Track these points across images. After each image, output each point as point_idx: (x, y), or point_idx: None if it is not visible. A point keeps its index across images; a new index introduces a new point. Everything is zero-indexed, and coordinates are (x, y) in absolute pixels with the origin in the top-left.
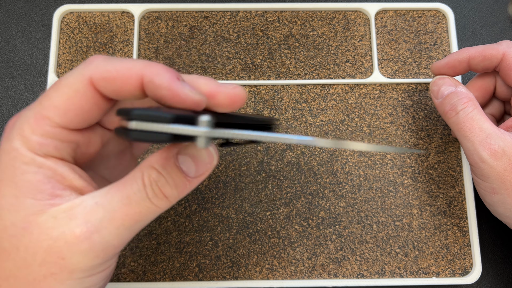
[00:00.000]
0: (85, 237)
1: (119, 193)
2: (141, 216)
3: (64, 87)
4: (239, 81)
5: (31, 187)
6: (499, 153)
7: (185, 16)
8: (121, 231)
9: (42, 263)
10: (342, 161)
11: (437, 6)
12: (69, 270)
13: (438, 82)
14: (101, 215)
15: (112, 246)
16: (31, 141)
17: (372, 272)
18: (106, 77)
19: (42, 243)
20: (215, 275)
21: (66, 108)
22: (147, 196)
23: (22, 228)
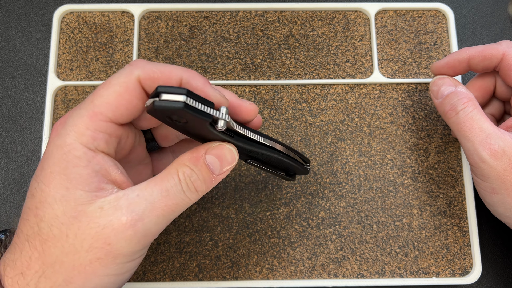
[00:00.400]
0: (130, 224)
1: (158, 186)
2: (177, 207)
3: (115, 85)
4: (239, 81)
5: (81, 180)
6: (499, 153)
7: (185, 16)
8: (160, 220)
9: (89, 249)
10: (342, 161)
11: (437, 6)
12: (113, 255)
13: (438, 82)
14: (144, 205)
15: (151, 233)
16: (85, 135)
17: (372, 272)
18: (152, 76)
19: (90, 230)
20: (215, 275)
21: (118, 103)
22: (182, 189)
23: (72, 217)
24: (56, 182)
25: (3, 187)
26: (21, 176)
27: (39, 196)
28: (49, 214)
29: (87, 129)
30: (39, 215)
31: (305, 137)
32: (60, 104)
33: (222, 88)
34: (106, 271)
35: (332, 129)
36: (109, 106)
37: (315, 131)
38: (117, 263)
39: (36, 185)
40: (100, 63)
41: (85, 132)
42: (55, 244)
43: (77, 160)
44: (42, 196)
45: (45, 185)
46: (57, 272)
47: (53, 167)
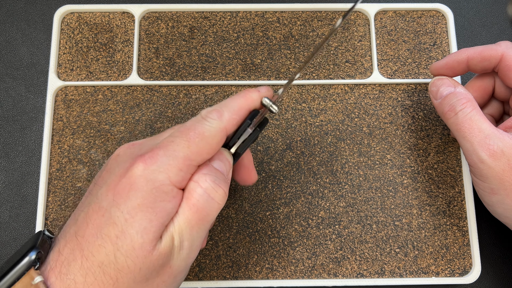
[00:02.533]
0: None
1: (187, 206)
2: (209, 216)
3: (209, 138)
4: (239, 81)
5: (165, 213)
6: (498, 154)
7: (185, 17)
8: (200, 234)
9: (157, 275)
10: (342, 161)
11: (436, 6)
12: (174, 275)
13: (437, 83)
14: (188, 235)
15: (197, 246)
16: (177, 176)
17: (372, 271)
18: (235, 123)
19: (159, 262)
20: (215, 274)
21: (208, 154)
22: (209, 196)
23: (147, 251)
24: (142, 214)
25: (3, 187)
26: (21, 176)
27: (121, 225)
28: (127, 246)
29: (180, 171)
30: (118, 244)
31: (305, 137)
32: (60, 104)
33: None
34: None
35: (332, 129)
36: (201, 156)
37: (315, 131)
38: (177, 281)
39: (120, 214)
40: (100, 63)
41: (178, 173)
42: (128, 275)
43: (164, 195)
44: (125, 226)
45: (130, 216)
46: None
47: (141, 200)
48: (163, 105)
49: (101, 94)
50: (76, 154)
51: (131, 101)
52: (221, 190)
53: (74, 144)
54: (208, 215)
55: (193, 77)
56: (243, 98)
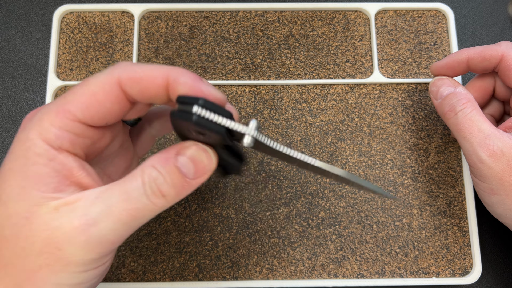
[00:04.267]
0: (82, 229)
1: (119, 188)
2: (138, 213)
3: (91, 84)
4: (239, 81)
5: (38, 179)
6: (498, 154)
7: (185, 16)
8: (118, 226)
9: (40, 253)
10: (342, 161)
11: (437, 6)
12: (64, 262)
13: (437, 83)
14: (99, 209)
15: (108, 241)
16: (49, 132)
17: (372, 272)
18: (134, 77)
19: (41, 233)
20: (215, 275)
21: (89, 103)
22: (145, 193)
23: (24, 218)
24: (12, 179)
25: None
26: None
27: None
28: (2, 213)
29: (51, 126)
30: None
31: (305, 137)
32: None
33: None
34: (57, 280)
35: (332, 129)
36: (79, 104)
37: (315, 131)
38: (68, 272)
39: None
40: (100, 63)
41: (49, 129)
42: (6, 245)
43: (37, 158)
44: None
45: (2, 182)
46: (8, 275)
47: (11, 164)
48: None
49: None
50: None
51: None
52: (159, 195)
53: None
54: (138, 211)
55: None
56: (167, 69)
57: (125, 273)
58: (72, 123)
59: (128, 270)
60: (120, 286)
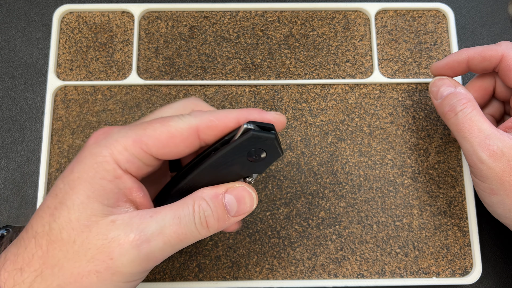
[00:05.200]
0: (136, 244)
1: (172, 212)
2: (185, 237)
3: (172, 127)
4: (239, 81)
5: (103, 192)
6: (498, 154)
7: (185, 16)
8: (166, 247)
9: (91, 260)
10: (342, 161)
11: (437, 6)
12: (112, 271)
13: (438, 83)
14: (153, 228)
15: (154, 258)
16: (121, 155)
17: (372, 272)
18: (211, 126)
19: (97, 241)
20: (215, 275)
21: (166, 143)
22: (194, 221)
23: (83, 225)
24: (80, 187)
25: (3, 187)
26: (21, 176)
27: (61, 197)
28: (64, 217)
29: (125, 150)
30: (55, 215)
31: (305, 137)
32: (60, 104)
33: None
34: (100, 286)
35: (332, 129)
36: (157, 142)
37: (315, 131)
38: (113, 281)
39: (62, 186)
40: (100, 63)
41: (123, 152)
42: (61, 247)
43: (105, 173)
44: (63, 198)
45: (70, 188)
46: (54, 276)
47: (81, 173)
48: (163, 105)
49: (101, 94)
50: (75, 154)
51: (131, 101)
52: (205, 225)
53: (74, 144)
54: (186, 236)
55: (193, 77)
56: (237, 111)
57: None
58: (144, 154)
59: None
60: None
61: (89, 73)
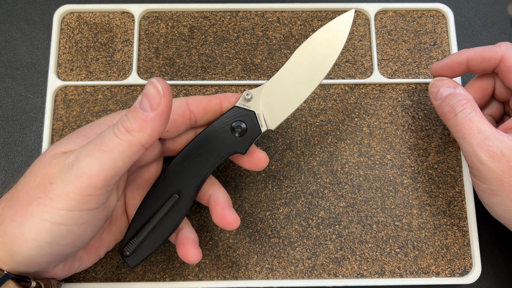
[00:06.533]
0: (68, 166)
1: (96, 137)
2: (108, 148)
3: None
4: (239, 81)
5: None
6: (498, 155)
7: (185, 16)
8: (93, 160)
9: (36, 187)
10: (342, 161)
11: (436, 6)
12: (51, 195)
13: (437, 84)
14: (81, 150)
15: (86, 175)
16: None
17: (372, 272)
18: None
19: (43, 169)
20: (215, 275)
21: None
22: (113, 131)
23: (39, 160)
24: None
25: (3, 187)
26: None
27: None
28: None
29: None
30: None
31: (305, 137)
32: (60, 104)
33: (219, 185)
34: (42, 214)
35: (332, 129)
36: None
37: (315, 131)
38: (53, 207)
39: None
40: (100, 63)
41: None
42: (23, 182)
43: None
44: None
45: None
46: (11, 208)
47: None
48: None
49: (101, 94)
50: None
51: (131, 101)
52: (123, 130)
53: None
54: (108, 146)
55: (193, 77)
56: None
57: (125, 272)
58: None
59: (128, 270)
60: (120, 285)
61: (89, 73)
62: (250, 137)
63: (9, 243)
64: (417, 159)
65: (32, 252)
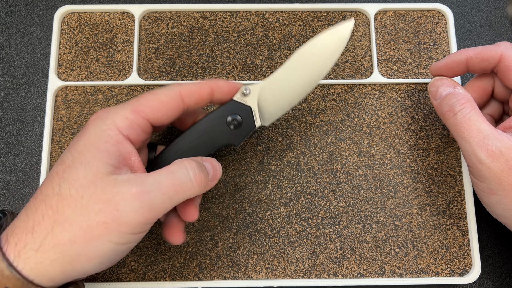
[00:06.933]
0: (138, 196)
1: (166, 170)
2: (181, 188)
3: (160, 94)
4: (239, 81)
5: (106, 154)
6: (497, 154)
7: (185, 17)
8: (165, 198)
9: (99, 212)
10: (341, 161)
11: (436, 6)
12: (119, 222)
13: (436, 83)
14: (151, 182)
15: (155, 209)
16: (122, 123)
17: (372, 271)
18: (190, 90)
19: (103, 195)
20: (215, 274)
21: (159, 108)
22: (189, 174)
23: (90, 181)
24: (86, 151)
25: (3, 187)
26: (21, 176)
27: (69, 162)
28: (72, 176)
29: (126, 119)
30: (64, 177)
31: (305, 137)
32: (60, 104)
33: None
34: (109, 237)
35: (332, 129)
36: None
37: (315, 131)
38: (120, 231)
39: (69, 154)
40: (100, 63)
41: (124, 120)
42: (70, 204)
43: (108, 138)
44: (71, 162)
45: (77, 153)
46: (65, 231)
47: (87, 140)
48: None
49: (101, 94)
50: None
51: None
52: (199, 179)
53: None
54: (181, 187)
55: (193, 77)
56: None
57: (125, 272)
58: (142, 119)
59: (128, 270)
60: (120, 285)
61: (89, 74)
62: (244, 130)
63: (70, 263)
64: (417, 159)
65: (92, 268)
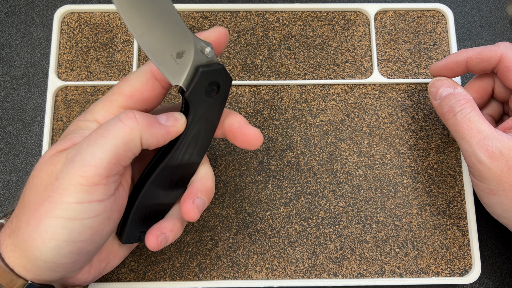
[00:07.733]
0: (70, 159)
1: (97, 127)
2: (113, 135)
3: (131, 80)
4: (239, 81)
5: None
6: (497, 155)
7: (185, 17)
8: (95, 149)
9: (45, 187)
10: (342, 161)
11: (436, 6)
12: (59, 191)
13: (436, 84)
14: (82, 142)
15: (90, 165)
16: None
17: (372, 271)
18: None
19: (46, 169)
20: (215, 274)
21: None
22: (119, 117)
23: (43, 162)
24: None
25: (3, 187)
26: (21, 176)
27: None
28: (37, 165)
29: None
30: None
31: (305, 137)
32: (60, 104)
33: (230, 111)
34: (55, 212)
35: (332, 129)
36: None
37: (315, 131)
38: (63, 201)
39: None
40: (100, 63)
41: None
42: (30, 188)
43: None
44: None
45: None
46: (24, 213)
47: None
48: (163, 105)
49: (101, 94)
50: None
51: None
52: (133, 115)
53: None
54: (104, 133)
55: None
56: None
57: (125, 272)
58: (117, 108)
59: (128, 270)
60: (120, 285)
61: (89, 74)
62: (225, 90)
63: (29, 248)
64: (417, 159)
65: (53, 252)
